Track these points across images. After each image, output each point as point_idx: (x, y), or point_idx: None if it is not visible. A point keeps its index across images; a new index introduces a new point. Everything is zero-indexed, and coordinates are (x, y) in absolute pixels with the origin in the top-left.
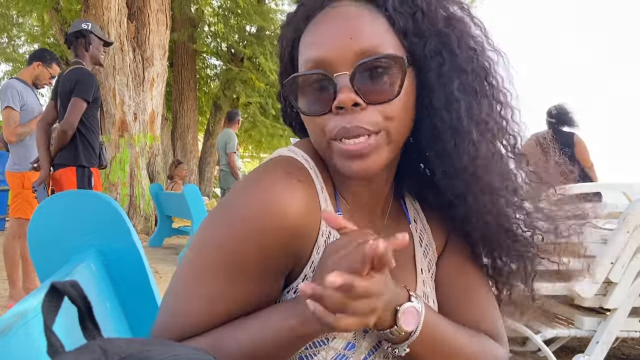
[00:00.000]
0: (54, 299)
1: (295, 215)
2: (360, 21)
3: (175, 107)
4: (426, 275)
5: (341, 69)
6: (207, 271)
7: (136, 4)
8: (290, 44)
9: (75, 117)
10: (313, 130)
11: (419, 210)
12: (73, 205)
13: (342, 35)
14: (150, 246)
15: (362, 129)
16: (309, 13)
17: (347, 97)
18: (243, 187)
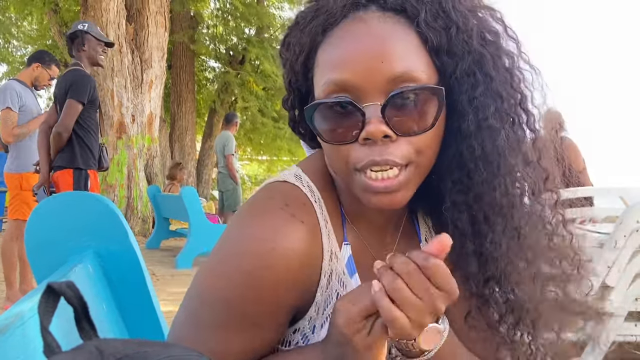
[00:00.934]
0: (51, 300)
1: (297, 262)
2: (391, 40)
3: (174, 109)
4: None
5: (371, 98)
6: (211, 325)
7: (135, 6)
8: (305, 53)
9: (69, 119)
10: (335, 158)
11: (430, 227)
12: (70, 207)
13: (372, 58)
14: (148, 248)
15: (393, 162)
16: (329, 21)
17: (377, 130)
18: (242, 227)
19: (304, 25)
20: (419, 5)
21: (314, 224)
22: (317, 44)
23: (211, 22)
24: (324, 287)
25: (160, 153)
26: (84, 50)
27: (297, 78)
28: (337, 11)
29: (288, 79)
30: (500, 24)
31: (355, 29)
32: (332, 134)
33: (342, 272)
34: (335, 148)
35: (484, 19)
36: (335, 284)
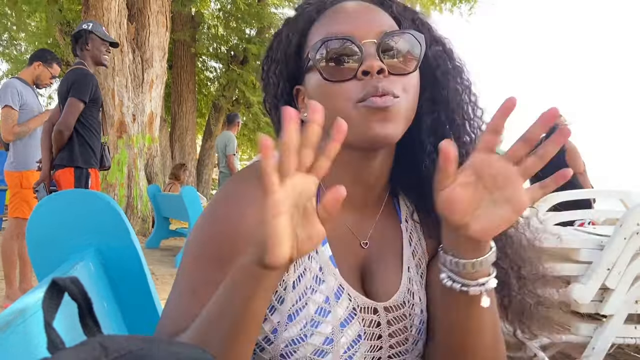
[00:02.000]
0: (55, 295)
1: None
2: (378, 10)
3: (174, 109)
4: (413, 274)
5: (367, 39)
6: (189, 267)
7: (136, 6)
8: (299, 33)
9: (71, 118)
10: (336, 97)
11: (413, 210)
12: (72, 205)
13: (365, 16)
14: (147, 247)
15: (389, 89)
16: (320, 6)
17: (375, 63)
18: (217, 194)
19: (297, 15)
20: (390, 2)
21: None
22: (311, 22)
23: (212, 22)
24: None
25: (161, 153)
26: (88, 49)
27: (286, 63)
28: (327, 1)
29: (274, 70)
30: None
31: (345, 6)
32: (333, 73)
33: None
34: (337, 86)
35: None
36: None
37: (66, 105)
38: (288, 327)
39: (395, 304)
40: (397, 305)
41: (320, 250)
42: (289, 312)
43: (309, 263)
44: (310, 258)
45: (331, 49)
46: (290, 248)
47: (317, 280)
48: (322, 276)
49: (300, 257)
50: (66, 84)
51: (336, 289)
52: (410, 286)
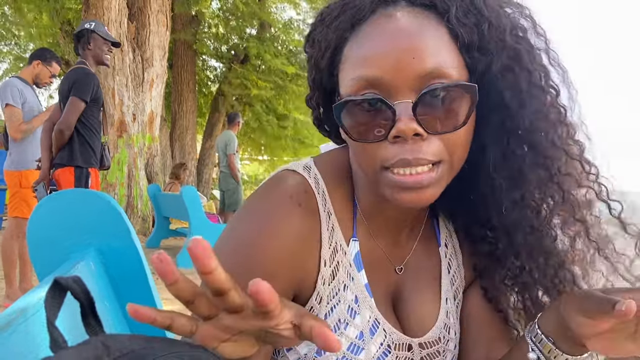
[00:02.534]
0: (57, 294)
1: (289, 238)
2: (422, 35)
3: (175, 108)
4: (450, 305)
5: (402, 95)
6: None
7: (137, 5)
8: (332, 50)
9: (71, 117)
10: (363, 157)
11: (452, 232)
12: (72, 204)
13: (402, 53)
14: (148, 247)
15: (425, 160)
16: (357, 16)
17: (408, 128)
18: (246, 207)
19: (330, 21)
20: (449, 1)
21: (313, 210)
22: (344, 40)
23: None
24: (326, 279)
25: (161, 152)
26: (90, 49)
27: (321, 75)
28: (366, 6)
29: (312, 77)
30: (529, 21)
31: (385, 24)
32: (360, 132)
33: (349, 265)
34: (363, 146)
35: (514, 15)
36: (342, 276)
37: (67, 104)
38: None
39: (431, 339)
40: (433, 342)
41: (357, 277)
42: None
43: (344, 293)
44: (345, 287)
45: (357, 108)
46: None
47: (351, 312)
48: (356, 308)
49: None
50: (67, 83)
51: (372, 323)
52: (447, 320)
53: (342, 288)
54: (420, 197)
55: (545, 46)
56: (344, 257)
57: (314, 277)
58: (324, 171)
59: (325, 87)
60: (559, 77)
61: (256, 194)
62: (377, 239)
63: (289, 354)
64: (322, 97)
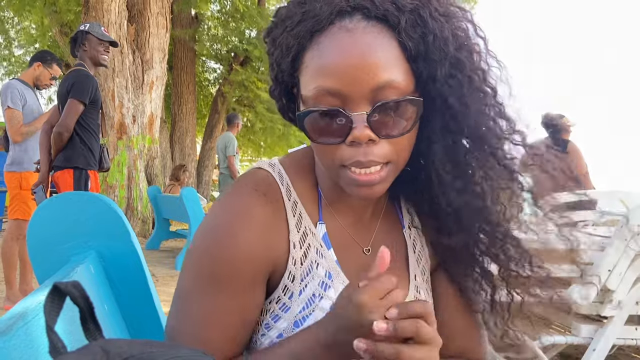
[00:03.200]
0: (56, 299)
1: (257, 226)
2: (376, 51)
3: (174, 110)
4: (420, 281)
5: (357, 106)
6: (192, 292)
7: (136, 7)
8: (292, 55)
9: (70, 119)
10: (323, 156)
11: (414, 215)
12: (72, 207)
13: (358, 69)
14: (148, 249)
15: (375, 162)
16: (316, 27)
17: (363, 134)
18: (217, 205)
19: (291, 27)
20: (399, 15)
21: (277, 199)
22: (304, 47)
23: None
24: (297, 259)
25: (161, 154)
26: (85, 50)
27: (283, 74)
28: (324, 17)
29: (274, 73)
30: (471, 24)
31: (342, 38)
32: (321, 136)
33: (319, 245)
34: (324, 147)
35: (457, 22)
36: (313, 255)
37: (66, 106)
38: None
39: None
40: None
41: (327, 255)
42: (295, 319)
43: (316, 270)
44: (317, 265)
45: (318, 116)
46: None
47: (324, 286)
48: (329, 282)
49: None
50: (66, 85)
51: None
52: (418, 295)
53: (314, 266)
54: (371, 192)
55: (484, 47)
56: (313, 239)
57: (285, 259)
58: (287, 166)
59: (287, 83)
60: (497, 74)
61: (227, 189)
62: (342, 222)
63: (269, 332)
64: (284, 90)
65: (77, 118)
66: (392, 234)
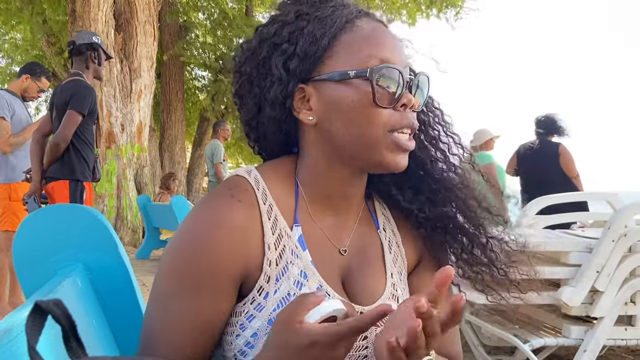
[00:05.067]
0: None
1: (233, 231)
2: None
3: (163, 118)
4: (397, 280)
5: (407, 73)
6: (167, 295)
7: (124, 16)
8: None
9: (69, 130)
10: (371, 119)
11: (389, 217)
12: (59, 219)
13: (399, 45)
14: (138, 258)
15: (416, 127)
16: (350, 17)
17: (415, 100)
18: (194, 211)
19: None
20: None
21: (252, 204)
22: (341, 29)
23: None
24: (272, 260)
25: (150, 162)
26: (94, 62)
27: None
28: (352, 12)
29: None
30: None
31: (381, 27)
32: (380, 97)
33: (294, 246)
34: (373, 111)
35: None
36: (288, 256)
37: (65, 117)
38: (269, 330)
39: None
40: None
41: (302, 255)
42: (269, 317)
43: (291, 270)
44: (292, 264)
45: (388, 75)
46: None
47: (299, 285)
48: (304, 282)
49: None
50: (65, 95)
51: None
52: (395, 291)
53: (289, 267)
54: (407, 161)
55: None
56: (289, 240)
57: (260, 261)
58: (264, 172)
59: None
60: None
61: (205, 196)
62: (319, 222)
63: (244, 332)
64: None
65: (75, 129)
66: (368, 235)
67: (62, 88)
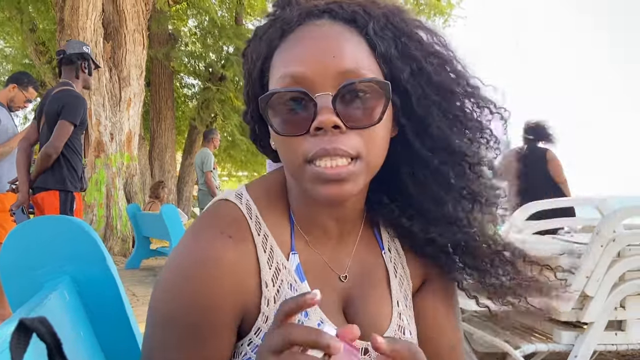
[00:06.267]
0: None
1: (226, 272)
2: (343, 41)
3: (153, 127)
4: (402, 307)
5: (323, 89)
6: (159, 345)
7: (112, 25)
8: (262, 58)
9: (61, 141)
10: (286, 151)
11: (393, 235)
12: (46, 231)
13: (325, 53)
14: (128, 268)
15: (343, 151)
16: (284, 28)
17: (328, 119)
18: (180, 246)
19: (262, 34)
20: (367, 17)
21: (244, 238)
22: (273, 48)
23: (189, 40)
24: (270, 299)
25: (140, 171)
26: (84, 72)
27: (253, 86)
28: (294, 19)
29: (246, 90)
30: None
31: (309, 33)
32: (285, 127)
33: (293, 280)
34: (288, 141)
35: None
36: (287, 292)
37: (57, 128)
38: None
39: None
40: None
41: (300, 288)
42: None
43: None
44: (294, 292)
45: (279, 101)
46: None
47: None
48: (304, 320)
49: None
50: (56, 105)
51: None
52: (401, 322)
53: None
54: (339, 191)
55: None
56: (287, 273)
57: (258, 300)
58: (256, 195)
59: (258, 96)
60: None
61: (191, 229)
62: (317, 249)
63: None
64: (256, 111)
65: (66, 139)
66: (371, 257)
67: (53, 97)
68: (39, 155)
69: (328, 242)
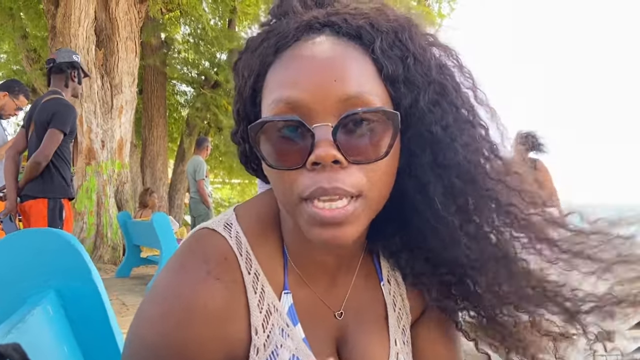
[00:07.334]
0: None
1: (212, 319)
2: (345, 61)
3: (145, 134)
4: (400, 346)
5: (321, 118)
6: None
7: (105, 32)
8: (254, 76)
9: (51, 150)
10: (279, 186)
11: (394, 266)
12: (32, 244)
13: (325, 76)
14: (118, 277)
15: (343, 190)
16: (280, 43)
17: (327, 153)
18: (163, 283)
19: (255, 48)
20: (374, 33)
21: (234, 280)
22: (267, 65)
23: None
24: (260, 346)
25: (131, 179)
26: (73, 80)
27: (244, 104)
28: (290, 33)
29: (236, 108)
30: (455, 61)
31: (308, 50)
32: (278, 159)
33: (284, 324)
34: (281, 174)
35: (440, 55)
36: (277, 338)
37: (47, 136)
38: None
39: None
40: None
41: (293, 334)
42: None
43: (280, 355)
44: (280, 347)
45: (272, 129)
46: None
47: None
48: None
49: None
50: (46, 113)
51: None
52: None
53: (279, 351)
54: (339, 236)
55: (472, 85)
56: (278, 317)
57: (246, 347)
58: (247, 226)
59: (249, 118)
60: (487, 116)
61: (177, 262)
62: (312, 285)
63: None
64: (246, 130)
65: (56, 148)
66: (369, 291)
67: (43, 106)
68: (28, 163)
69: (324, 277)
